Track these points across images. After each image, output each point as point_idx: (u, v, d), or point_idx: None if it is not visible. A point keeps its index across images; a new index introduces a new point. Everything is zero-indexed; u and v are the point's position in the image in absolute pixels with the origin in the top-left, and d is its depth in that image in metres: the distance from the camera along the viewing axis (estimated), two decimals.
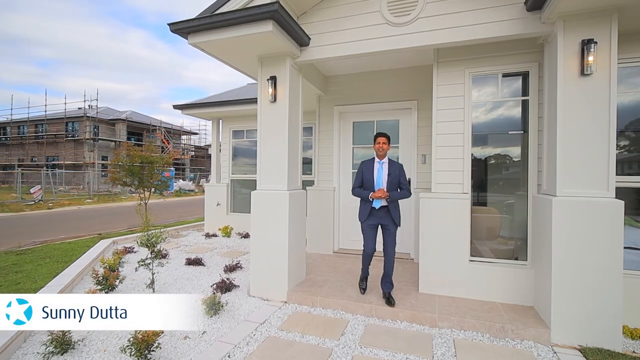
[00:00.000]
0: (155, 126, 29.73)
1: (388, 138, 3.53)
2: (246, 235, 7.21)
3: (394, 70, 5.15)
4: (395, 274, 4.44)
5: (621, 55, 2.90)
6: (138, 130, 29.57)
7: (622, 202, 2.69)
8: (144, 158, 8.71)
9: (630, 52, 3.05)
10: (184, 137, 35.01)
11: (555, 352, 2.74)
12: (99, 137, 25.67)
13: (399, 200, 3.53)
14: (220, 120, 8.23)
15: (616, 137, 2.77)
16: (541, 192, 3.28)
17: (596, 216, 2.75)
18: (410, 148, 5.22)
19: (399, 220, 3.51)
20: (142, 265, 3.89)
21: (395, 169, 3.46)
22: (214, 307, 3.39)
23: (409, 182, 5.20)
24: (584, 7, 2.75)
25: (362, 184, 3.59)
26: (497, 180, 3.96)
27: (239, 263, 4.99)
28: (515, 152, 3.76)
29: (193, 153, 36.02)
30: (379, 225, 3.54)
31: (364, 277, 3.83)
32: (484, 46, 3.54)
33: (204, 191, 8.88)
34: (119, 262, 4.92)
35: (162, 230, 4.30)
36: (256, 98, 6.99)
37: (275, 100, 3.89)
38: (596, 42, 2.71)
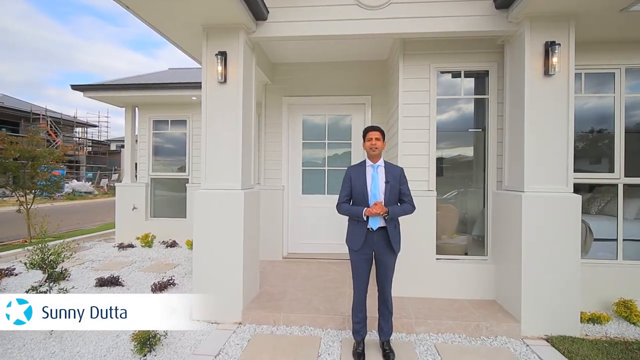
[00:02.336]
0: (39, 115, 24.29)
1: (382, 133, 2.61)
2: (173, 244, 6.15)
3: (348, 63, 4.90)
4: (350, 276, 4.18)
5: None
6: (13, 119, 23.68)
7: (579, 197, 2.88)
8: (24, 152, 6.78)
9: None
10: (78, 129, 29.53)
11: (528, 345, 2.78)
12: None
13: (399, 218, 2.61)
14: (137, 108, 6.90)
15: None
16: (503, 188, 3.37)
17: (560, 210, 2.89)
18: (362, 145, 5.02)
19: (399, 245, 2.59)
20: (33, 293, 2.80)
21: (395, 174, 2.57)
22: (148, 343, 2.59)
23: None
24: (548, 10, 2.86)
25: (351, 196, 2.65)
26: (455, 177, 4.02)
27: (171, 279, 4.10)
28: (474, 149, 3.84)
29: (90, 149, 30.62)
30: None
31: (361, 338, 2.66)
32: (448, 42, 3.51)
33: (106, 193, 7.34)
34: None
35: (62, 243, 3.22)
36: (187, 83, 6.13)
37: (225, 80, 3.23)
38: (559, 44, 2.84)
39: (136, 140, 7.05)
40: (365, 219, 2.50)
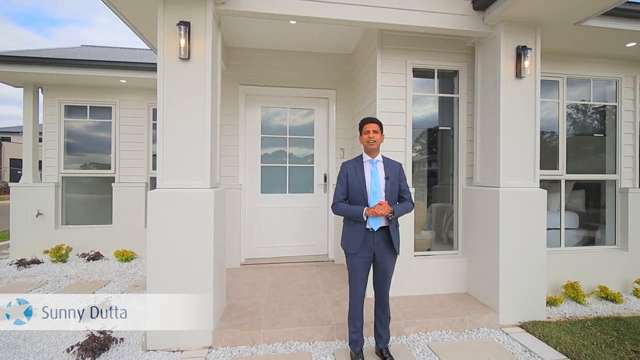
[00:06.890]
0: None
1: (380, 125, 2.39)
2: (96, 257, 5.06)
3: (312, 54, 4.64)
4: (322, 279, 3.97)
5: None
6: None
7: (545, 191, 3.14)
8: None
9: None
10: None
11: (507, 334, 2.90)
12: None
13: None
14: (41, 89, 5.52)
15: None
16: (475, 184, 3.50)
17: (531, 204, 3.10)
18: (325, 141, 4.83)
19: (399, 246, 2.42)
20: None
21: (394, 169, 2.40)
22: None
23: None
24: (521, 16, 3.03)
25: (348, 195, 2.41)
26: (422, 174, 4.08)
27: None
28: (441, 147, 3.94)
29: None
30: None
31: (360, 349, 2.44)
32: (422, 40, 3.51)
33: None
34: None
35: None
36: (115, 62, 5.13)
37: (189, 57, 2.68)
38: (530, 49, 3.04)
39: (40, 131, 5.65)
40: (365, 219, 2.29)
